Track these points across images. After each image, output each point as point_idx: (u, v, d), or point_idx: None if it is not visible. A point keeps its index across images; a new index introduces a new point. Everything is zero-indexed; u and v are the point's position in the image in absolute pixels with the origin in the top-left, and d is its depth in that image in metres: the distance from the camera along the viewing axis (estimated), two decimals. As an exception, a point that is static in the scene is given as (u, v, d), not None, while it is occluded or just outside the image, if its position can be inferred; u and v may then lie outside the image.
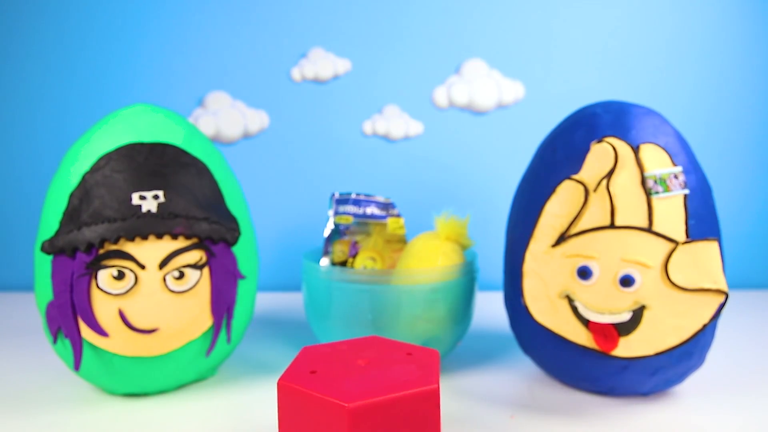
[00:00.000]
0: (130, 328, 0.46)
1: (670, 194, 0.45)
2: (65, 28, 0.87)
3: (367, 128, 0.90)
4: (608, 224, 0.45)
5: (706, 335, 0.47)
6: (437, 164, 0.91)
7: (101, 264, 0.45)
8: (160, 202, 0.46)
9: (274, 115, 0.90)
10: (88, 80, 0.88)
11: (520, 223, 0.51)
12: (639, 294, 0.45)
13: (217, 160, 0.52)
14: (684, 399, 0.50)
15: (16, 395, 0.51)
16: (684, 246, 0.44)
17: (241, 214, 0.53)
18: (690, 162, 0.47)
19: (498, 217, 0.73)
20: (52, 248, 0.45)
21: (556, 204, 0.48)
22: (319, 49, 0.88)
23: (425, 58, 0.89)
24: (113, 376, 0.48)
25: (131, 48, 0.88)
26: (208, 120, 0.87)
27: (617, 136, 0.47)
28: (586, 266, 0.46)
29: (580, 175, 0.47)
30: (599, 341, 0.46)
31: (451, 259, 0.54)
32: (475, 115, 0.90)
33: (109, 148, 0.47)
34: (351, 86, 0.89)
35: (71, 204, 0.46)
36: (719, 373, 0.55)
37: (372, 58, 0.89)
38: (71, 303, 0.45)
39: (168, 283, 0.46)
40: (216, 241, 0.48)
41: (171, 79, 0.88)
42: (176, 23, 0.87)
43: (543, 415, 0.47)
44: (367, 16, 0.88)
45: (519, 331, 0.54)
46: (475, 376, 0.55)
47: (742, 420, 0.46)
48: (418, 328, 0.52)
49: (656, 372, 0.47)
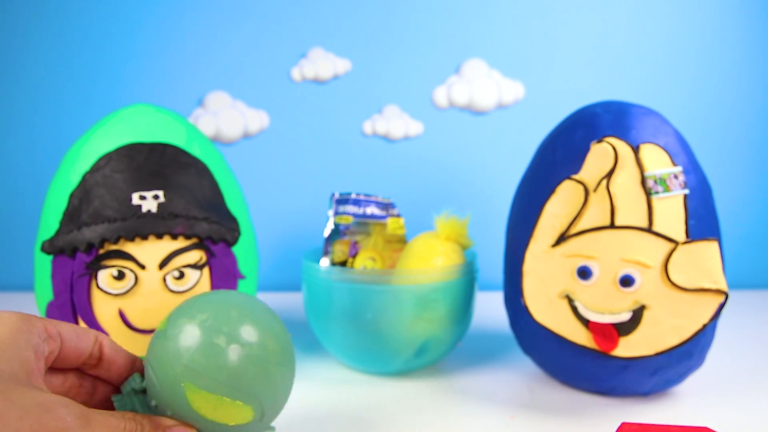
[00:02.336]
0: (130, 328, 0.46)
1: (670, 194, 0.45)
2: (64, 27, 0.87)
3: (367, 128, 0.90)
4: (608, 224, 0.45)
5: (706, 335, 0.47)
6: (437, 164, 0.91)
7: (101, 264, 0.45)
8: (160, 202, 0.46)
9: (274, 115, 0.90)
10: (88, 80, 0.88)
11: (520, 223, 0.51)
12: (639, 294, 0.45)
13: (217, 160, 0.52)
14: (684, 399, 0.50)
15: (16, 395, 0.51)
16: (684, 246, 0.44)
17: (241, 214, 0.53)
18: (690, 162, 0.47)
19: (498, 217, 0.73)
20: (52, 248, 0.45)
21: (556, 204, 0.48)
22: (319, 49, 0.88)
23: (425, 58, 0.89)
24: (113, 376, 0.48)
25: (131, 48, 0.88)
26: (208, 120, 0.87)
27: (617, 136, 0.47)
28: (586, 266, 0.46)
29: (580, 175, 0.47)
30: (599, 341, 0.46)
31: (451, 259, 0.54)
32: (475, 115, 0.90)
33: (109, 148, 0.47)
34: (351, 86, 0.89)
35: (71, 204, 0.46)
36: (719, 373, 0.55)
37: (372, 58, 0.89)
38: (71, 303, 0.45)
39: (168, 283, 0.46)
40: (216, 241, 0.48)
41: (171, 79, 0.88)
42: (176, 23, 0.87)
43: (543, 415, 0.47)
44: (367, 16, 0.88)
45: (519, 331, 0.54)
46: (475, 376, 0.55)
47: (742, 420, 0.46)
48: (418, 328, 0.52)
49: (656, 372, 0.47)
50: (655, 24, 0.88)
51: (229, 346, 0.30)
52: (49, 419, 0.24)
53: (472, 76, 0.88)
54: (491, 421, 0.46)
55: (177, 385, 0.30)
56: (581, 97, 0.69)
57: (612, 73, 0.89)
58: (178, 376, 0.30)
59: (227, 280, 0.50)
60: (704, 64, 0.89)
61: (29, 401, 0.24)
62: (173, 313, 0.33)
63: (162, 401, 0.31)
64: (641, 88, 0.89)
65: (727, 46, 0.88)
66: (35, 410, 0.24)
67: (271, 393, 0.32)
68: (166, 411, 0.31)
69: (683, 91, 0.89)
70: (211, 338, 0.30)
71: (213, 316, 0.31)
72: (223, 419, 0.30)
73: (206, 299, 0.33)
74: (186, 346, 0.30)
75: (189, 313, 0.32)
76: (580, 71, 0.89)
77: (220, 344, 0.30)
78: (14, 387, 0.24)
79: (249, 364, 0.31)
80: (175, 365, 0.30)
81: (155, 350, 0.31)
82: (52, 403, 0.25)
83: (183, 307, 0.33)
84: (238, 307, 0.32)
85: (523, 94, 0.89)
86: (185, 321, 0.31)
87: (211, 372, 0.30)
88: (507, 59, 0.89)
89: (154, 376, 0.31)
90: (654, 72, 0.89)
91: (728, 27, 0.88)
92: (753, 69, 0.89)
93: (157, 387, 0.30)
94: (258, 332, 0.32)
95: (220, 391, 0.30)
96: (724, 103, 0.90)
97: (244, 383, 0.30)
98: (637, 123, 0.47)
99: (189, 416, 0.30)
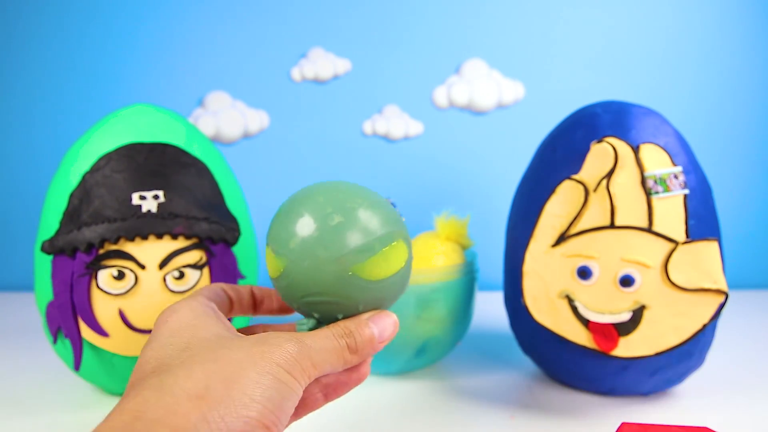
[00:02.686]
0: (130, 328, 0.46)
1: (670, 194, 0.45)
2: (64, 27, 0.87)
3: (367, 128, 0.90)
4: (608, 224, 0.45)
5: (706, 335, 0.47)
6: (437, 164, 0.91)
7: (101, 264, 0.45)
8: (160, 202, 0.46)
9: (274, 115, 0.90)
10: (88, 80, 0.88)
11: (520, 223, 0.51)
12: (639, 294, 0.45)
13: (217, 160, 0.52)
14: (684, 399, 0.50)
15: (16, 395, 0.51)
16: (684, 246, 0.44)
17: (241, 214, 0.53)
18: (690, 162, 0.47)
19: (498, 217, 0.73)
20: (52, 248, 0.45)
21: (556, 204, 0.48)
22: (319, 49, 0.88)
23: (425, 58, 0.89)
24: (113, 376, 0.48)
25: (131, 48, 0.88)
26: (208, 120, 0.87)
27: (617, 136, 0.47)
28: (586, 266, 0.46)
29: (580, 175, 0.47)
30: (599, 341, 0.46)
31: (451, 259, 0.54)
32: (475, 115, 0.90)
33: (109, 148, 0.47)
34: (351, 86, 0.89)
35: (71, 204, 0.46)
36: (719, 373, 0.55)
37: (372, 58, 0.89)
38: (71, 303, 0.45)
39: (168, 283, 0.46)
40: (216, 241, 0.48)
41: (171, 79, 0.88)
42: (176, 23, 0.87)
43: (543, 415, 0.47)
44: (367, 16, 0.88)
45: (519, 331, 0.54)
46: (475, 376, 0.55)
47: (742, 420, 0.46)
48: (418, 328, 0.52)
49: (656, 372, 0.47)
50: (656, 24, 0.88)
51: (356, 207, 0.30)
52: (273, 351, 0.26)
53: (472, 76, 0.88)
54: (491, 421, 0.46)
55: (348, 280, 0.29)
56: (581, 97, 0.69)
57: (612, 73, 0.89)
58: (343, 272, 0.29)
59: (227, 280, 0.50)
60: (704, 63, 0.89)
61: (247, 342, 0.26)
62: (283, 238, 0.30)
63: (342, 308, 0.30)
64: (641, 88, 0.89)
65: (727, 46, 0.88)
66: (257, 347, 0.26)
67: (400, 222, 0.32)
68: (352, 310, 0.30)
69: (683, 91, 0.89)
70: (331, 217, 0.29)
71: (311, 209, 0.30)
72: (395, 266, 0.30)
73: (286, 211, 0.31)
74: (331, 241, 0.29)
75: (294, 231, 0.30)
76: (580, 71, 0.89)
77: (349, 209, 0.30)
78: (231, 338, 0.27)
79: (375, 208, 0.30)
80: (334, 269, 0.29)
81: (308, 276, 0.30)
82: (268, 337, 0.27)
83: (280, 231, 0.31)
84: (323, 192, 0.31)
85: (523, 94, 0.89)
86: (308, 230, 0.29)
87: (363, 239, 0.29)
88: (507, 59, 0.89)
89: (321, 292, 0.30)
90: (654, 72, 0.89)
91: (728, 27, 0.88)
92: (753, 69, 0.89)
93: (330, 301, 0.30)
94: (355, 187, 0.32)
95: (377, 247, 0.30)
96: (725, 103, 0.90)
97: (384, 224, 0.30)
98: (637, 123, 0.47)
99: (371, 296, 0.30)
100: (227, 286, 0.34)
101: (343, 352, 0.29)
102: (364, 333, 0.30)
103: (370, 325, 0.30)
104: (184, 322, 0.28)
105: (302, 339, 0.27)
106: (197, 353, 0.25)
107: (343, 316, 0.31)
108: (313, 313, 0.31)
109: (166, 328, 0.27)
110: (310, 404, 0.33)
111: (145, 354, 0.27)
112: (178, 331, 0.27)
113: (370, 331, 0.30)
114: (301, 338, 0.27)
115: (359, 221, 0.30)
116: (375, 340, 0.30)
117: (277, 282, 0.31)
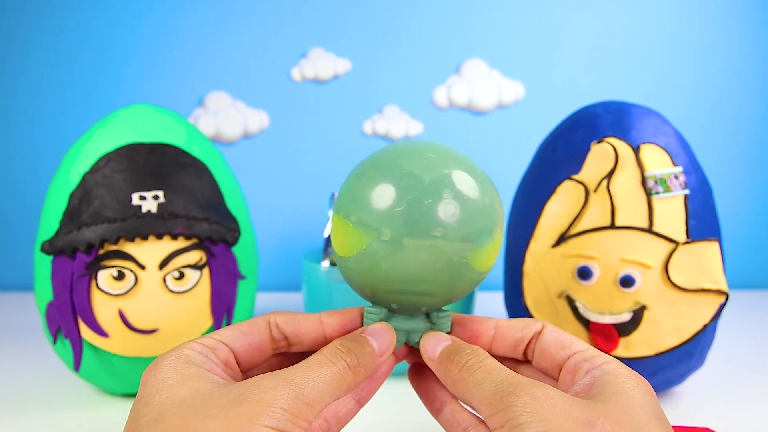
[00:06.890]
0: (130, 329, 0.46)
1: (671, 194, 0.45)
2: (63, 26, 0.87)
3: (367, 128, 0.90)
4: (608, 224, 0.45)
5: (706, 336, 0.47)
6: (437, 164, 0.91)
7: (101, 264, 0.45)
8: (160, 203, 0.46)
9: (274, 115, 0.90)
10: (87, 80, 0.88)
11: (520, 223, 0.51)
12: (639, 294, 0.45)
13: (217, 160, 0.52)
14: (684, 399, 0.50)
15: (16, 395, 0.51)
16: (684, 246, 0.44)
17: (241, 214, 0.53)
18: (690, 162, 0.47)
19: (498, 217, 0.73)
20: (51, 248, 0.45)
21: (556, 204, 0.48)
22: (319, 49, 0.88)
23: (425, 58, 0.89)
24: (113, 376, 0.48)
25: (131, 47, 0.88)
26: (208, 120, 0.87)
27: (617, 136, 0.47)
28: (586, 266, 0.46)
29: (580, 176, 0.47)
30: (599, 342, 0.46)
31: (452, 259, 0.54)
32: (475, 115, 0.90)
33: (109, 148, 0.47)
34: (351, 86, 0.89)
35: (71, 204, 0.46)
36: (719, 373, 0.55)
37: (372, 58, 0.89)
38: (71, 303, 0.45)
39: (168, 283, 0.46)
40: (216, 242, 0.48)
41: (171, 79, 0.88)
42: (176, 23, 0.87)
43: (543, 415, 0.47)
44: (367, 16, 0.88)
45: (519, 332, 0.54)
46: (475, 376, 0.55)
47: (742, 420, 0.46)
48: (418, 329, 0.52)
49: (656, 372, 0.47)
50: (656, 24, 0.88)
51: (478, 176, 0.24)
52: (259, 411, 0.22)
53: (472, 76, 0.88)
54: (491, 422, 0.46)
55: (457, 269, 0.24)
56: (581, 97, 0.69)
57: (612, 73, 0.89)
58: (457, 258, 0.23)
59: (227, 280, 0.50)
60: (704, 63, 0.89)
61: (227, 402, 0.22)
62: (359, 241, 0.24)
63: (436, 301, 0.25)
64: (641, 88, 0.89)
65: (727, 45, 0.88)
66: (241, 408, 0.22)
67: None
68: (440, 305, 0.26)
69: (683, 91, 0.89)
70: (450, 185, 0.23)
71: (421, 169, 0.24)
72: (495, 257, 0.25)
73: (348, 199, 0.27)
74: (450, 216, 0.23)
75: (395, 197, 0.24)
76: (580, 71, 0.89)
77: (471, 178, 0.23)
78: (209, 396, 0.22)
79: (490, 181, 0.25)
80: (448, 253, 0.23)
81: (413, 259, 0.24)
82: (252, 390, 0.22)
83: (369, 194, 0.25)
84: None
85: (523, 94, 0.89)
86: (417, 198, 0.23)
87: (486, 220, 0.24)
88: (507, 59, 0.89)
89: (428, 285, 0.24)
90: (654, 72, 0.89)
91: (728, 27, 0.88)
92: (753, 69, 0.89)
93: (426, 291, 0.24)
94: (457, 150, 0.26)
95: (496, 232, 0.24)
96: (725, 103, 0.89)
97: (499, 204, 0.25)
98: (638, 123, 0.47)
99: (468, 289, 0.25)
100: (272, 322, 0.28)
101: (343, 376, 0.25)
102: (363, 349, 0.26)
103: (369, 339, 0.27)
104: (161, 382, 0.24)
105: (292, 378, 0.23)
106: (170, 428, 0.22)
107: (426, 310, 0.26)
108: (392, 303, 0.26)
109: (144, 391, 0.24)
110: (344, 417, 0.30)
111: (129, 419, 0.24)
112: (157, 391, 0.24)
113: (370, 345, 0.27)
114: (290, 378, 0.23)
115: (484, 195, 0.23)
116: (375, 354, 0.27)
117: (349, 262, 0.25)
